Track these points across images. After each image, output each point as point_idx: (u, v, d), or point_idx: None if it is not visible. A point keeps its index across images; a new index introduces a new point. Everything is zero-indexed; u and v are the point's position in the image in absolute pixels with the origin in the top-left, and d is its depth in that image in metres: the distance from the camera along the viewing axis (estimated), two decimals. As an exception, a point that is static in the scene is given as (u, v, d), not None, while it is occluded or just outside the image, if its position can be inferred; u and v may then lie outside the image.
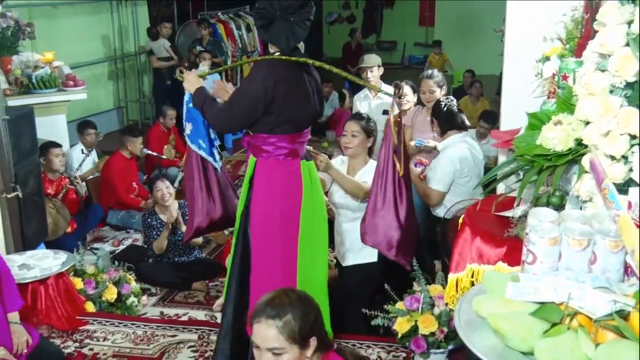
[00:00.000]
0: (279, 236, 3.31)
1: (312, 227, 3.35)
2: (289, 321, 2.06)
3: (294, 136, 3.29)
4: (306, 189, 3.32)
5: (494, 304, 1.88)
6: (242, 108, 3.20)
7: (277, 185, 3.29)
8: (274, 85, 3.12)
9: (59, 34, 8.46)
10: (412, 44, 15.33)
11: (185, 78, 3.45)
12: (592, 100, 2.25)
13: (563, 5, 2.99)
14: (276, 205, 3.29)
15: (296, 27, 3.13)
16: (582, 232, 1.96)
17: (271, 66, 3.18)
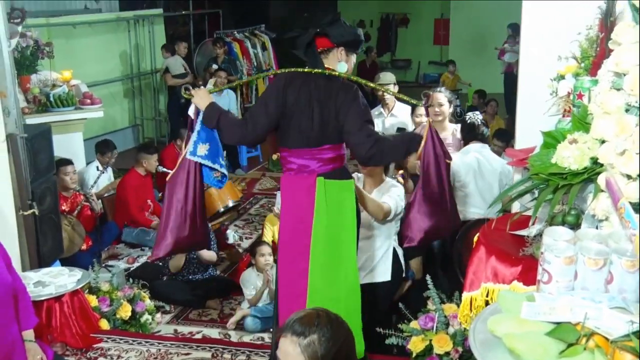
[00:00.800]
0: (290, 251, 3.33)
1: (327, 245, 3.28)
2: (312, 342, 2.00)
3: (305, 151, 3.29)
4: (319, 206, 3.26)
5: (510, 324, 1.87)
6: (263, 115, 3.26)
7: (287, 200, 3.34)
8: (286, 87, 3.23)
9: (77, 53, 8.57)
10: (426, 62, 15.36)
11: (195, 94, 3.42)
12: (608, 119, 2.25)
13: (578, 24, 2.99)
14: (286, 219, 3.33)
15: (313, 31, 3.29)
16: (598, 251, 1.94)
17: (287, 74, 3.32)
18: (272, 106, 3.25)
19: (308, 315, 2.06)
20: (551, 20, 3.30)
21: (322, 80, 3.26)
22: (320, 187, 3.27)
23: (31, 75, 6.17)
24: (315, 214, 3.26)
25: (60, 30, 8.38)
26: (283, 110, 3.24)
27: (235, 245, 6.19)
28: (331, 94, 3.26)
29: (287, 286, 3.34)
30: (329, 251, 3.28)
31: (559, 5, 3.27)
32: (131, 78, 10.07)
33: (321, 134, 3.27)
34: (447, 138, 4.78)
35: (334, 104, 3.25)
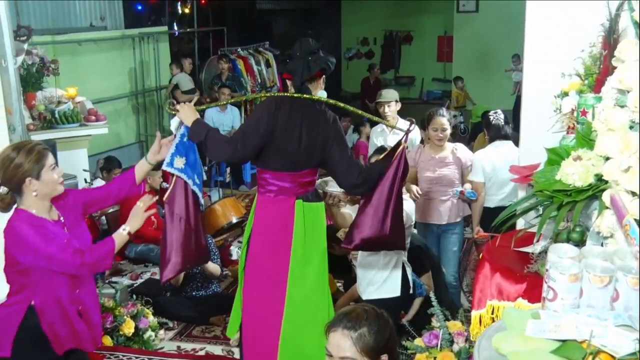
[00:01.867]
0: (266, 272, 3.35)
1: (304, 267, 3.35)
2: (364, 334, 2.14)
3: (289, 175, 3.32)
4: (298, 229, 3.32)
5: (515, 341, 1.86)
6: (255, 135, 3.26)
7: (264, 221, 3.36)
8: (277, 110, 3.26)
9: (82, 70, 8.62)
10: (430, 79, 15.40)
11: (181, 109, 3.33)
12: (612, 136, 2.25)
13: (581, 41, 3.00)
14: (261, 241, 3.35)
15: (312, 63, 3.33)
16: (604, 268, 1.93)
17: (279, 100, 3.35)
18: (263, 126, 3.26)
19: (355, 310, 2.22)
20: (555, 37, 3.31)
21: (309, 107, 3.33)
22: (299, 210, 3.33)
23: (37, 92, 6.20)
24: (294, 236, 3.31)
25: (65, 48, 8.44)
26: (272, 132, 3.26)
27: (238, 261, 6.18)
28: (318, 120, 3.35)
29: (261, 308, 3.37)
30: (305, 272, 3.35)
31: (562, 22, 3.28)
32: (136, 95, 10.12)
33: (305, 159, 3.34)
34: (447, 157, 4.84)
35: (321, 131, 3.34)
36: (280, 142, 3.27)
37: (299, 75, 3.33)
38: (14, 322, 2.82)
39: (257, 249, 3.38)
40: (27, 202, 2.80)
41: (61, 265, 2.75)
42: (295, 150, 3.29)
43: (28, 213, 2.78)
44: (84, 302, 2.95)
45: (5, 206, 2.82)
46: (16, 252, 2.75)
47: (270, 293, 3.34)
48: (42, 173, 2.76)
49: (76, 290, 2.91)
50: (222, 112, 8.66)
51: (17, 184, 2.76)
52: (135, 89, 10.10)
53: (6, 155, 2.77)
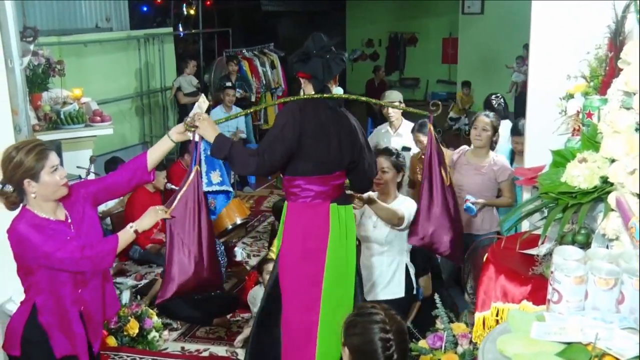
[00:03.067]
0: (301, 278, 3.26)
1: (338, 271, 3.28)
2: None
3: (322, 178, 3.23)
4: (333, 232, 3.25)
5: (519, 344, 1.85)
6: (282, 145, 3.13)
7: (301, 228, 3.24)
8: (306, 124, 3.14)
9: (87, 71, 8.64)
10: (434, 81, 15.39)
11: (200, 125, 3.14)
12: (617, 138, 2.24)
13: (587, 43, 3.00)
14: (298, 248, 3.24)
15: (331, 62, 3.22)
16: (609, 271, 1.93)
17: (301, 103, 3.23)
18: (289, 134, 3.13)
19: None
20: (560, 39, 3.31)
21: (332, 106, 3.25)
22: (334, 213, 3.26)
23: (42, 93, 6.21)
24: (330, 240, 3.24)
25: (71, 49, 8.45)
26: (300, 138, 3.13)
27: (243, 262, 6.19)
28: (344, 119, 3.30)
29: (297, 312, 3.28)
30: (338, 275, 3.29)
31: (568, 24, 3.28)
32: (141, 96, 10.14)
33: (336, 160, 3.27)
34: (483, 166, 4.61)
35: (349, 131, 3.29)
36: (310, 146, 3.16)
37: (319, 76, 3.21)
38: (21, 321, 2.83)
39: (286, 256, 3.28)
40: (31, 202, 2.75)
41: (60, 263, 2.70)
42: (325, 152, 3.20)
43: (31, 213, 2.74)
44: (86, 302, 2.92)
45: (11, 205, 2.77)
46: (18, 251, 2.74)
47: (305, 300, 3.25)
48: (41, 174, 2.68)
49: (78, 290, 2.88)
50: (227, 113, 8.66)
51: (17, 183, 2.70)
52: (140, 90, 10.12)
53: (8, 153, 2.70)
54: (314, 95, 3.22)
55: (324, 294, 3.25)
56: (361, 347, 2.10)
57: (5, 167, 2.70)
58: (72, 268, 2.75)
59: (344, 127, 3.29)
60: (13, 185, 2.72)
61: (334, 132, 3.23)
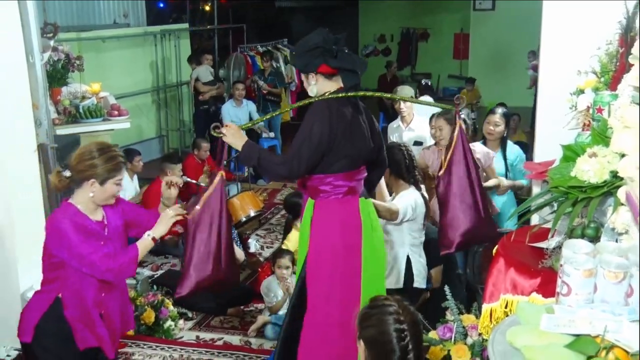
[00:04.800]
0: (342, 274, 3.21)
1: (373, 262, 3.26)
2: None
3: (351, 174, 3.19)
4: (365, 225, 3.23)
5: (529, 336, 1.85)
6: (311, 150, 3.05)
7: (337, 223, 3.19)
8: (337, 125, 3.07)
9: (105, 66, 8.68)
10: (446, 76, 15.32)
11: (227, 133, 3.15)
12: (628, 133, 2.22)
13: (598, 39, 2.97)
14: (337, 243, 3.18)
15: (355, 56, 3.18)
16: (618, 264, 1.92)
17: (330, 105, 3.10)
18: (318, 136, 3.04)
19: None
20: (571, 35, 3.28)
21: (352, 104, 3.19)
22: (363, 207, 3.24)
23: (62, 88, 6.24)
24: (363, 234, 3.22)
25: (90, 45, 8.50)
26: (331, 138, 3.06)
27: (256, 254, 6.20)
28: (368, 115, 3.29)
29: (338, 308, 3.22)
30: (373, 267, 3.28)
31: (579, 20, 3.25)
32: (157, 90, 10.18)
33: (365, 155, 3.26)
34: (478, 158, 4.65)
35: (371, 122, 3.28)
36: (342, 144, 3.10)
37: (358, 68, 3.13)
38: (39, 310, 2.85)
39: (322, 253, 3.21)
40: (80, 197, 2.84)
41: (90, 268, 2.77)
42: (357, 147, 3.16)
43: (75, 208, 2.82)
44: (107, 306, 2.96)
45: (60, 188, 2.88)
46: (53, 245, 2.78)
47: (347, 294, 3.21)
48: (108, 182, 2.82)
49: (102, 293, 2.92)
50: (237, 107, 8.72)
51: (82, 178, 2.80)
52: (157, 84, 10.16)
53: (90, 150, 2.82)
54: (339, 95, 3.12)
55: (363, 286, 3.23)
56: (376, 338, 2.09)
57: (80, 159, 2.80)
58: (97, 276, 2.82)
59: (368, 119, 3.27)
60: (76, 177, 2.81)
61: (362, 126, 3.20)
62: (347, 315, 3.18)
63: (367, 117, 3.29)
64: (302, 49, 3.14)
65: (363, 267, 3.22)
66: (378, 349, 2.09)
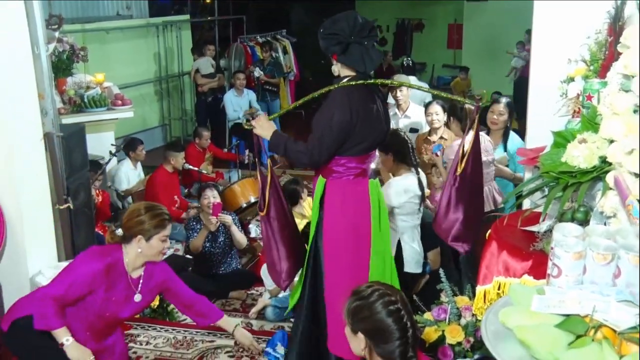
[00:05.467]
0: (352, 251, 3.22)
1: (381, 240, 3.28)
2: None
3: (363, 157, 3.19)
4: (374, 205, 3.23)
5: (520, 316, 1.86)
6: (332, 139, 3.04)
7: (350, 203, 3.19)
8: (356, 110, 3.04)
9: (109, 56, 8.65)
10: (440, 65, 15.29)
11: (256, 124, 3.21)
12: (616, 119, 2.22)
13: (587, 28, 2.96)
14: (349, 222, 3.19)
15: (371, 51, 3.07)
16: (607, 247, 1.92)
17: (349, 92, 3.06)
18: (339, 124, 3.02)
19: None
20: (561, 24, 3.27)
21: (369, 89, 3.14)
22: (372, 188, 3.25)
23: (67, 78, 6.24)
24: (372, 214, 3.23)
25: (94, 36, 8.46)
26: (351, 124, 3.04)
27: (257, 238, 6.21)
28: (382, 101, 3.26)
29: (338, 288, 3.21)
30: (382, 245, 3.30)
31: (569, 10, 3.24)
32: (160, 80, 10.15)
33: (379, 140, 3.25)
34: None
35: (383, 112, 3.24)
36: (362, 129, 3.07)
37: (361, 68, 3.07)
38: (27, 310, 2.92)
39: (335, 232, 3.22)
40: (129, 253, 3.01)
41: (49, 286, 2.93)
42: (375, 132, 3.15)
43: (121, 256, 3.00)
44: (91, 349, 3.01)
45: (113, 242, 3.06)
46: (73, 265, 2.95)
47: (358, 271, 3.22)
48: (153, 238, 2.98)
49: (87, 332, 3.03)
50: (239, 96, 8.73)
51: (131, 235, 2.98)
52: (160, 74, 10.13)
53: (138, 209, 3.03)
54: (352, 82, 3.07)
55: (371, 265, 3.25)
56: (375, 326, 2.06)
57: (129, 217, 3.00)
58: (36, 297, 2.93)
59: (381, 103, 3.24)
60: (126, 233, 3.00)
61: (379, 112, 3.18)
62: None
63: (382, 101, 3.26)
64: (324, 32, 3.07)
65: (372, 246, 3.24)
66: (379, 336, 2.06)
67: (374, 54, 3.08)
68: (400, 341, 2.03)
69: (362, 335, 2.10)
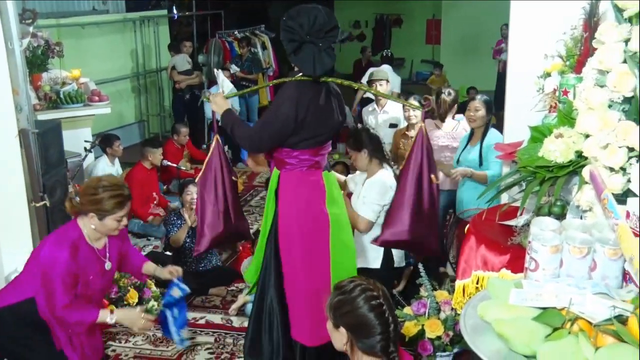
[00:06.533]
0: (308, 241, 3.25)
1: (339, 231, 3.30)
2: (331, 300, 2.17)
3: (317, 149, 3.22)
4: (329, 196, 3.27)
5: (498, 310, 1.87)
6: (272, 129, 3.10)
7: (303, 194, 3.23)
8: (304, 107, 3.06)
9: (85, 52, 8.54)
10: (419, 61, 15.35)
11: (212, 100, 3.34)
12: (592, 114, 2.25)
13: (563, 24, 2.99)
14: (303, 213, 3.23)
15: (323, 53, 3.03)
16: (583, 240, 1.95)
17: (300, 87, 3.09)
18: (283, 117, 3.06)
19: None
20: (538, 20, 3.30)
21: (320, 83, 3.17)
22: (326, 179, 3.28)
23: (42, 74, 6.15)
24: (327, 204, 3.25)
25: (69, 31, 8.35)
26: (298, 119, 3.06)
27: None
28: (339, 97, 3.29)
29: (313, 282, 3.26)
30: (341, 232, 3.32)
31: (545, 6, 3.26)
32: (137, 76, 10.05)
33: (331, 134, 3.27)
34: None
35: (339, 100, 3.28)
36: (310, 124, 3.10)
37: (309, 71, 3.04)
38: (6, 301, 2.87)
39: (290, 225, 3.25)
40: (85, 223, 2.90)
41: (49, 306, 2.81)
42: (325, 126, 3.18)
43: (80, 232, 2.89)
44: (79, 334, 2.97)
45: (73, 213, 2.94)
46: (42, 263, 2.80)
47: (317, 260, 3.26)
48: (107, 218, 2.85)
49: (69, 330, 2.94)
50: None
51: (85, 210, 2.86)
52: (137, 70, 10.03)
53: (96, 185, 2.86)
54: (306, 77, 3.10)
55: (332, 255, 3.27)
56: (357, 321, 2.07)
57: (86, 192, 2.87)
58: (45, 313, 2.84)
59: (336, 98, 3.27)
60: (82, 207, 2.88)
61: (331, 106, 3.20)
62: (317, 282, 3.24)
63: (336, 94, 3.29)
64: (285, 22, 3.05)
65: (331, 236, 3.26)
66: (361, 330, 2.07)
67: (326, 57, 3.03)
68: (381, 336, 2.04)
69: (344, 330, 2.10)
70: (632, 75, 2.16)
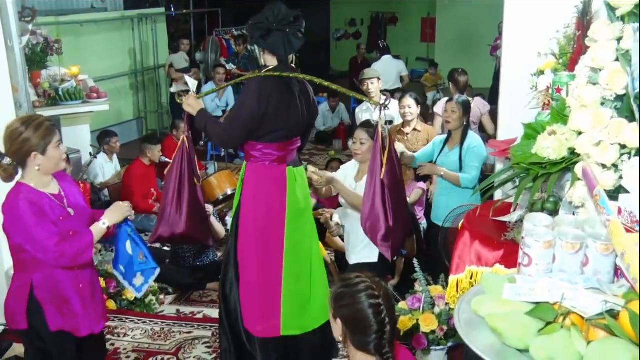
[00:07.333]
0: (263, 234, 3.28)
1: (297, 226, 3.32)
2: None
3: (282, 144, 3.26)
4: (290, 192, 3.30)
5: (492, 304, 1.87)
6: (239, 124, 3.18)
7: (264, 187, 3.28)
8: (266, 100, 3.11)
9: (84, 49, 8.52)
10: (414, 58, 15.34)
11: (184, 102, 3.37)
12: (584, 111, 2.25)
13: (556, 22, 2.99)
14: (262, 205, 3.28)
15: (292, 37, 3.14)
16: (575, 236, 1.95)
17: (263, 82, 3.15)
18: (247, 113, 3.13)
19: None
20: (531, 19, 3.30)
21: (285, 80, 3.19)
22: (289, 174, 3.31)
23: (41, 71, 6.14)
24: (288, 198, 3.28)
25: (68, 28, 8.32)
26: (261, 115, 3.12)
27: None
28: (307, 94, 3.32)
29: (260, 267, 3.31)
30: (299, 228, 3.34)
31: (538, 5, 3.27)
32: (135, 73, 10.03)
33: (297, 131, 3.31)
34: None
35: (308, 97, 3.32)
36: (274, 120, 3.16)
37: (281, 52, 3.15)
38: (23, 298, 2.74)
39: (249, 214, 3.30)
40: (29, 175, 2.70)
41: (43, 253, 2.64)
42: (290, 123, 3.22)
43: (29, 187, 2.68)
44: (84, 281, 2.85)
45: (8, 176, 2.72)
46: (10, 228, 2.67)
47: (269, 252, 3.29)
48: (48, 149, 2.66)
49: (75, 268, 2.79)
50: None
51: (22, 157, 2.66)
52: (135, 67, 10.01)
53: (15, 128, 2.65)
54: (276, 73, 3.14)
55: (286, 249, 3.28)
56: (354, 316, 2.07)
57: (11, 140, 2.65)
58: (50, 262, 2.68)
59: (305, 95, 3.30)
60: (15, 158, 2.67)
61: (297, 103, 3.23)
62: (267, 275, 3.28)
63: (303, 90, 3.31)
64: (251, 23, 3.19)
65: (286, 230, 3.28)
66: (356, 326, 2.07)
67: (294, 40, 3.16)
68: (376, 335, 2.04)
69: (340, 323, 2.11)
70: (624, 73, 2.16)
